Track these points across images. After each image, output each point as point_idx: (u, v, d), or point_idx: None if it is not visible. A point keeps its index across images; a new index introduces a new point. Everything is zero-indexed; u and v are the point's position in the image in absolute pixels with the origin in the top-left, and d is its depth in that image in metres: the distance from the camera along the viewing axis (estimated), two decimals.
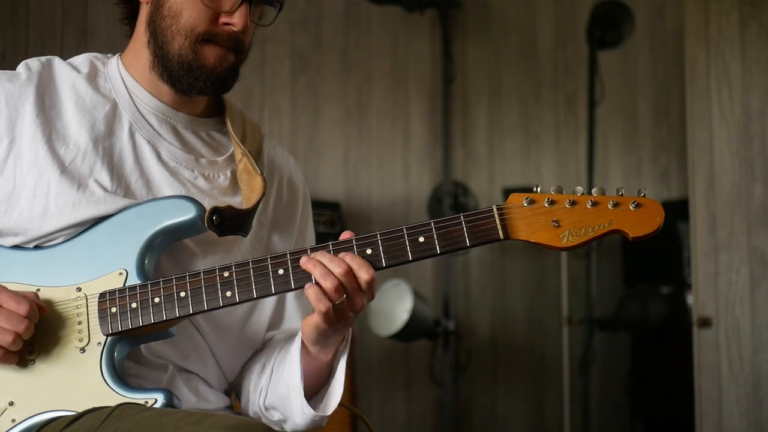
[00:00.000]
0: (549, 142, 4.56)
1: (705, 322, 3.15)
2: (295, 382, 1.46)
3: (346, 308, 1.35)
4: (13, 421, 1.37)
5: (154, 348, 1.48)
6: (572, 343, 4.00)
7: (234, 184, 1.57)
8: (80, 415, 1.35)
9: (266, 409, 1.56)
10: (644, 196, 1.31)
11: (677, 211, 4.31)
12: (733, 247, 3.14)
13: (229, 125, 1.59)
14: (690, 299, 3.79)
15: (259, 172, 1.53)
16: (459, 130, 4.35)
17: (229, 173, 1.57)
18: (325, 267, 1.33)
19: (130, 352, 1.44)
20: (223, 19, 1.48)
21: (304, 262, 1.34)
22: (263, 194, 1.51)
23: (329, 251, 1.36)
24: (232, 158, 1.59)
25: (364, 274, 1.33)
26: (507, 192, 4.28)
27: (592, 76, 4.18)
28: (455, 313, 3.98)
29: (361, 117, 4.10)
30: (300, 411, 1.46)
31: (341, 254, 1.34)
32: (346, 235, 1.38)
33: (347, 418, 3.09)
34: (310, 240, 1.72)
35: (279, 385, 1.51)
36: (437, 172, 4.21)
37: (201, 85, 1.50)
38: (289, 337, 1.57)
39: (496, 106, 4.49)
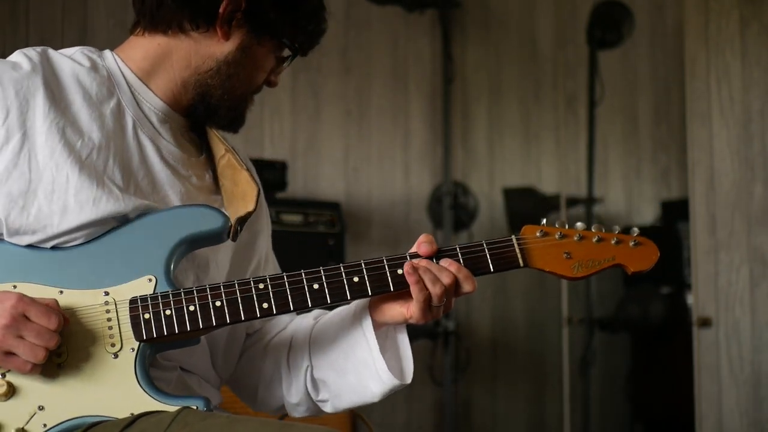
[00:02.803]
0: (549, 142, 4.56)
1: (705, 322, 3.15)
2: (367, 358, 1.50)
3: (440, 308, 1.45)
4: (45, 425, 1.35)
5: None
6: (572, 344, 4.00)
7: (215, 182, 1.61)
8: (134, 420, 1.34)
9: (314, 386, 1.59)
10: (638, 234, 1.48)
11: (677, 211, 4.31)
12: (733, 247, 3.14)
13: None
14: (690, 299, 3.79)
15: (244, 167, 1.55)
16: (459, 130, 4.35)
17: (211, 171, 1.61)
18: (434, 275, 1.42)
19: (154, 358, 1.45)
20: (268, 77, 1.60)
21: (410, 271, 1.42)
22: (259, 190, 1.54)
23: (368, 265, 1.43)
24: (211, 157, 1.62)
25: (468, 286, 1.44)
26: (507, 192, 4.29)
27: (592, 76, 4.18)
28: (455, 313, 3.99)
29: (361, 117, 4.10)
30: (379, 382, 1.50)
31: (444, 261, 1.44)
32: (424, 242, 1.47)
33: (347, 418, 3.09)
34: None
35: (339, 360, 1.54)
36: (437, 172, 4.21)
37: (232, 124, 1.60)
38: (319, 315, 1.62)
39: (496, 106, 4.49)
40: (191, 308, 1.39)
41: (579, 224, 1.48)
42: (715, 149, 3.20)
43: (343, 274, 1.42)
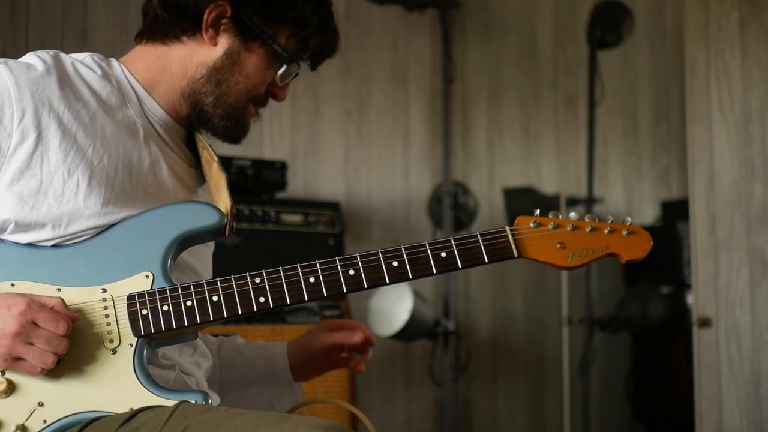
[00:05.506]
0: (549, 142, 4.56)
1: (705, 322, 3.15)
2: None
3: None
4: (45, 422, 1.37)
5: (163, 349, 1.50)
6: (572, 343, 4.00)
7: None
8: (133, 414, 1.35)
9: None
10: (631, 223, 1.49)
11: (677, 211, 4.31)
12: (733, 247, 3.14)
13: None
14: (690, 299, 3.79)
15: (215, 159, 1.58)
16: (459, 130, 4.35)
17: (202, 178, 1.64)
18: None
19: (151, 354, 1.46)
20: (272, 89, 1.62)
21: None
22: (227, 178, 1.57)
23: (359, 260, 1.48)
24: (200, 163, 1.65)
25: None
26: (507, 192, 4.29)
27: (592, 76, 4.18)
28: (455, 313, 3.99)
29: (361, 117, 4.10)
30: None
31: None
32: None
33: (347, 418, 3.09)
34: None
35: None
36: (437, 172, 4.21)
37: (231, 134, 1.60)
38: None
39: (496, 106, 4.49)
40: (188, 303, 1.40)
41: (572, 214, 1.50)
42: (715, 149, 3.20)
43: (339, 267, 1.44)
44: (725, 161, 3.17)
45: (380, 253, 1.45)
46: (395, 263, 1.44)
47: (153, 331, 1.40)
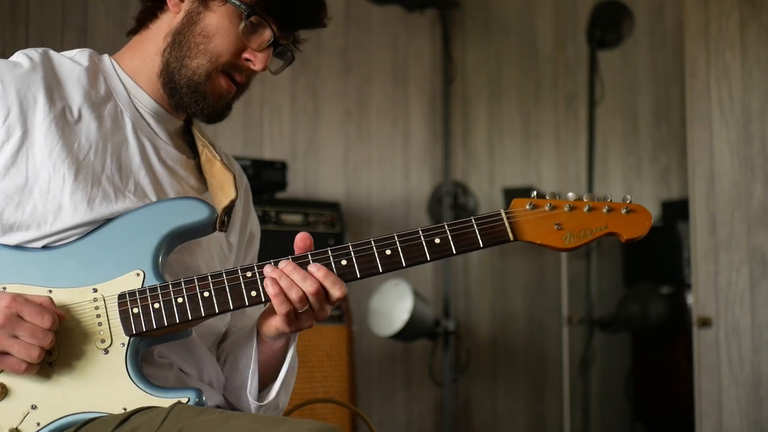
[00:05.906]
0: (549, 142, 4.56)
1: (705, 322, 3.15)
2: (246, 380, 1.53)
3: (310, 316, 1.42)
4: (38, 424, 1.36)
5: (159, 348, 1.49)
6: (572, 343, 4.00)
7: (204, 182, 1.61)
8: (128, 416, 1.35)
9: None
10: (630, 201, 1.43)
11: (677, 211, 4.32)
12: (733, 247, 3.14)
13: (196, 124, 1.65)
14: (690, 299, 3.79)
15: (218, 157, 1.56)
16: (459, 130, 4.35)
17: (200, 173, 1.62)
18: (292, 281, 1.38)
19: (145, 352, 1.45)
20: (246, 55, 1.52)
21: (270, 272, 1.39)
22: (235, 176, 1.54)
23: (337, 252, 1.42)
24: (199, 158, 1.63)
25: (336, 292, 1.40)
26: (507, 192, 4.29)
27: (592, 76, 4.18)
28: (455, 313, 3.99)
29: (361, 117, 4.10)
30: (249, 407, 1.54)
31: (312, 266, 1.39)
32: (298, 240, 1.44)
33: (347, 417, 3.10)
34: (257, 245, 1.75)
35: (234, 376, 1.59)
36: (437, 172, 4.21)
37: (196, 108, 1.54)
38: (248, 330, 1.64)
39: (496, 106, 4.49)
40: (179, 300, 1.39)
41: (570, 194, 1.45)
42: (715, 149, 3.20)
43: (331, 258, 1.42)
44: (725, 161, 3.17)
45: (373, 242, 1.43)
46: (388, 251, 1.42)
47: (144, 330, 1.39)
